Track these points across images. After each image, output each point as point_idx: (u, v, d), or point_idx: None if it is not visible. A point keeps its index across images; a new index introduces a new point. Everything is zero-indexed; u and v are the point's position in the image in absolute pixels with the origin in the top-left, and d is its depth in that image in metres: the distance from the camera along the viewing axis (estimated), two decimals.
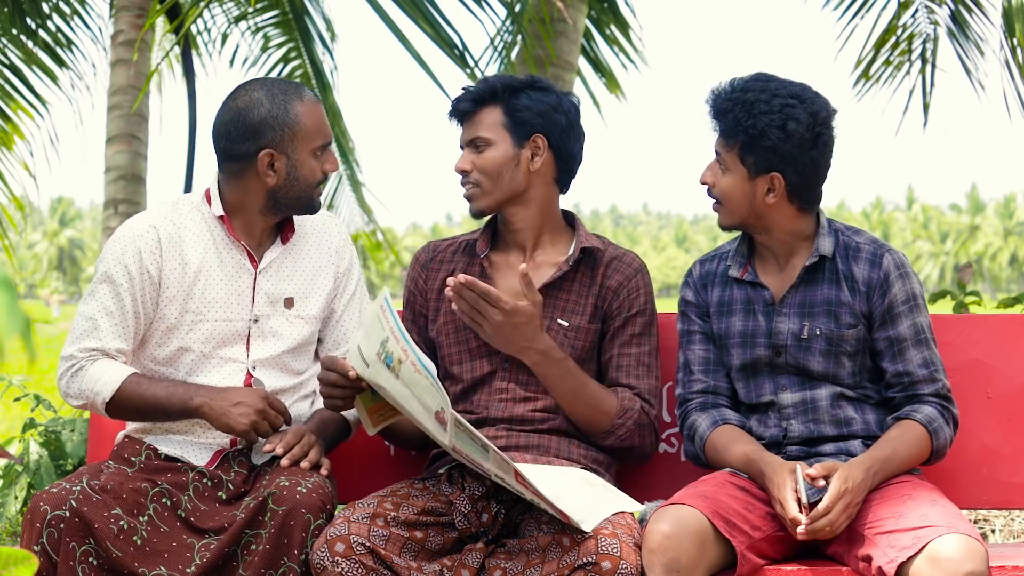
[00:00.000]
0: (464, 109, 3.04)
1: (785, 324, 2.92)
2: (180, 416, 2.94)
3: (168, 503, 2.86)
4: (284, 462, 2.86)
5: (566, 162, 3.05)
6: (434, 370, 2.63)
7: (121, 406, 2.94)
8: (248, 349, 3.00)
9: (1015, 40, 6.46)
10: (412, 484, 2.92)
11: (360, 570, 2.66)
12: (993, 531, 4.92)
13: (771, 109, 2.83)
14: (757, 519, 2.76)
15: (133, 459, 2.96)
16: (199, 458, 2.95)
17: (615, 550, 2.59)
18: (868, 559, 2.66)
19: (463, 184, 3.04)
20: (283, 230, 3.06)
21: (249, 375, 2.99)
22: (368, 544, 2.68)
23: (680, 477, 3.07)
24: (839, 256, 2.94)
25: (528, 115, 2.99)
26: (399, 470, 3.24)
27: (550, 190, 3.05)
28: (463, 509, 2.79)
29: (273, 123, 2.92)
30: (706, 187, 2.95)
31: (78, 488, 2.77)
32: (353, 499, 2.91)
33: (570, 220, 3.12)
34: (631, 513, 2.79)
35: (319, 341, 3.13)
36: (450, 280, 2.85)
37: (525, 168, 3.01)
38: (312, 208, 3.01)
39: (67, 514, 2.72)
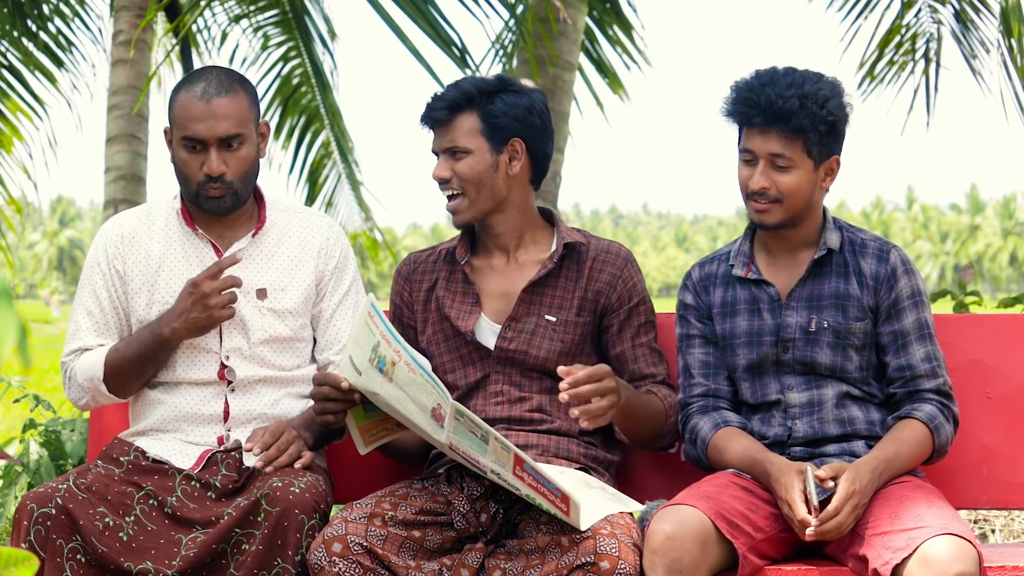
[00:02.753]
0: (439, 117, 2.97)
1: (793, 318, 2.92)
2: (166, 356, 2.97)
3: (154, 503, 2.86)
4: (258, 464, 2.87)
5: (541, 163, 3.03)
6: (428, 366, 2.64)
7: (117, 379, 2.99)
8: (221, 339, 3.00)
9: (1012, 39, 6.44)
10: (411, 484, 2.92)
11: (358, 570, 2.66)
12: (993, 531, 4.92)
13: (830, 94, 2.84)
14: (760, 520, 2.75)
15: (121, 459, 2.96)
16: (184, 461, 2.94)
17: (614, 550, 2.59)
18: (864, 559, 2.66)
19: (443, 191, 2.99)
20: (258, 224, 3.07)
21: (223, 365, 2.99)
22: (365, 544, 2.68)
23: (681, 477, 3.06)
24: (846, 250, 2.94)
25: (505, 120, 2.95)
26: (398, 471, 3.23)
27: (526, 191, 3.04)
28: (461, 509, 2.79)
29: (169, 103, 3.02)
30: (754, 192, 2.87)
31: (64, 487, 2.79)
32: (352, 500, 2.91)
33: (548, 217, 3.11)
34: (630, 513, 2.79)
35: (313, 342, 3.12)
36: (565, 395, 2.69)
37: (504, 173, 2.97)
38: (199, 204, 3.00)
39: (53, 511, 2.73)
